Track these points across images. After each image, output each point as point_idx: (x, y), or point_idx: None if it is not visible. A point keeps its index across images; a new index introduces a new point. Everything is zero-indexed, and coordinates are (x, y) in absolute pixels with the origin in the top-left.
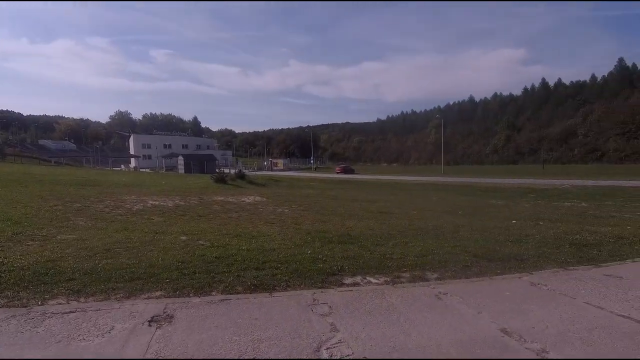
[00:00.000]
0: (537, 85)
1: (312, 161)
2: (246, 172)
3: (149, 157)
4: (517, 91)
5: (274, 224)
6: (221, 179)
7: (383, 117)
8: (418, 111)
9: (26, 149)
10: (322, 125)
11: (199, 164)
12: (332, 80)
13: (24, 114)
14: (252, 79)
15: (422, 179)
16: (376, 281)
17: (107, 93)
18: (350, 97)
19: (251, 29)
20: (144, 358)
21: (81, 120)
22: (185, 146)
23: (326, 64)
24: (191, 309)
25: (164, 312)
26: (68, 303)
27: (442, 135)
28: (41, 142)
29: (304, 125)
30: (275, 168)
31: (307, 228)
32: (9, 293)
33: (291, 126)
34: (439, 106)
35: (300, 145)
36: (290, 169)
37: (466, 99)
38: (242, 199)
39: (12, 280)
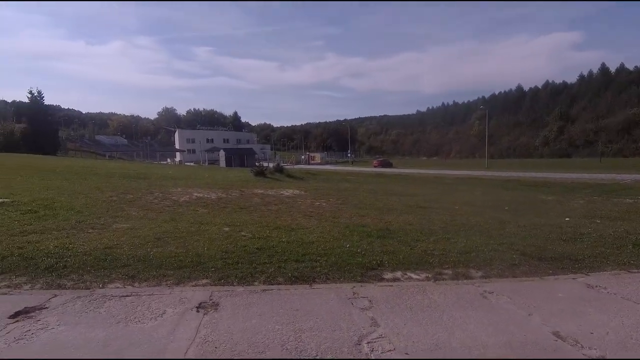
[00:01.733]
0: (594, 71)
1: (349, 155)
2: (284, 165)
3: (193, 151)
4: (570, 79)
5: (312, 217)
6: (261, 173)
7: (422, 109)
8: (460, 102)
9: (84, 144)
10: (359, 118)
11: (239, 157)
12: (367, 72)
13: (83, 112)
14: (288, 73)
15: (464, 172)
16: (417, 277)
17: (154, 90)
18: (386, 89)
19: (286, 23)
20: (169, 358)
21: (132, 116)
22: (226, 140)
23: (361, 56)
24: (235, 297)
25: (210, 300)
26: (124, 287)
27: (486, 126)
28: (97, 137)
29: (341, 118)
30: (312, 162)
31: (345, 222)
32: (74, 276)
33: (328, 119)
34: (483, 96)
35: (337, 138)
36: (327, 163)
37: (513, 88)
38: (281, 192)
39: (76, 264)
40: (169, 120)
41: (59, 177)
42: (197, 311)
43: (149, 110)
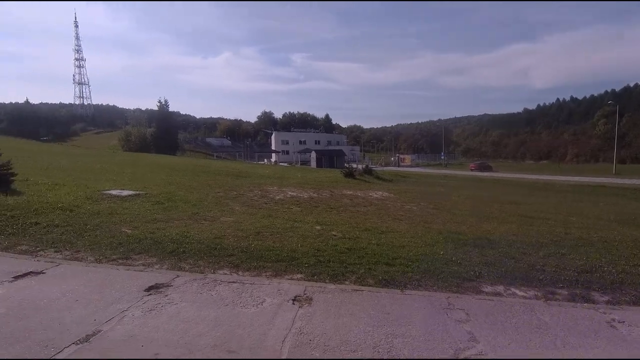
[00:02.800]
0: None
1: (442, 157)
2: (373, 167)
3: (287, 152)
4: None
5: (402, 221)
6: (350, 174)
7: (531, 107)
8: (580, 97)
9: (197, 145)
10: (455, 118)
11: (329, 158)
12: (466, 68)
13: (197, 117)
14: (378, 74)
15: (583, 179)
16: (523, 294)
17: (254, 95)
18: (488, 86)
19: (379, 24)
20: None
21: (235, 120)
22: (317, 142)
23: (460, 52)
24: (327, 294)
25: (305, 294)
26: (231, 274)
27: (616, 125)
28: (207, 139)
29: (434, 118)
30: (402, 164)
31: (438, 227)
32: (191, 260)
33: (420, 120)
34: (612, 90)
35: (430, 140)
36: (418, 165)
37: None
38: (370, 194)
39: (193, 250)
40: (267, 123)
41: (178, 174)
42: (293, 303)
43: (250, 114)
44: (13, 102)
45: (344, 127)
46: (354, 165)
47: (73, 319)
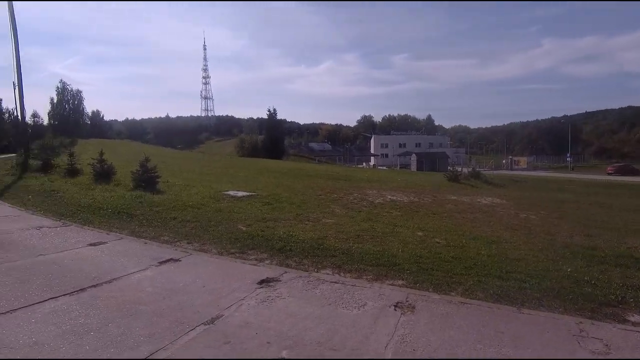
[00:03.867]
0: None
1: (568, 158)
2: (481, 170)
3: (386, 155)
4: None
5: (517, 231)
6: (454, 178)
7: None
8: None
9: (300, 150)
10: (586, 113)
11: (430, 161)
12: (602, 53)
13: (301, 123)
14: (490, 69)
15: None
16: None
17: (353, 100)
18: (634, 72)
19: (491, 14)
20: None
21: (336, 125)
22: (418, 144)
23: (594, 34)
24: (431, 304)
25: (407, 301)
26: (333, 274)
27: None
28: (310, 144)
29: (558, 114)
30: (516, 167)
31: (563, 240)
32: (296, 259)
33: (539, 117)
34: None
35: (551, 139)
36: (536, 168)
37: None
38: (478, 200)
39: (298, 249)
40: (366, 126)
41: (284, 177)
42: (395, 309)
43: (350, 119)
44: (157, 117)
45: (447, 128)
46: (459, 169)
47: (201, 302)
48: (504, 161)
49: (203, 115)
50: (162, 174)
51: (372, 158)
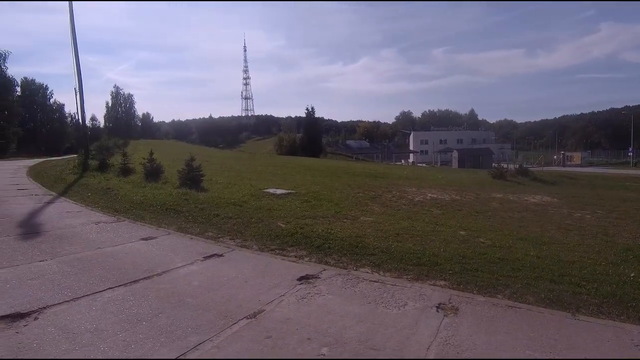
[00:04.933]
0: None
1: (630, 154)
2: (529, 167)
3: (426, 152)
4: None
5: (571, 231)
6: (500, 175)
7: None
8: None
9: (338, 147)
10: None
11: (473, 158)
12: None
13: (338, 121)
14: (540, 59)
15: None
16: None
17: (391, 96)
18: None
19: (539, 2)
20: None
21: (374, 122)
22: (459, 141)
23: None
24: (476, 306)
25: (450, 302)
26: (372, 273)
27: None
28: (347, 142)
29: (618, 106)
30: (569, 163)
31: (625, 242)
32: (335, 256)
33: (596, 109)
34: None
35: (610, 132)
36: (591, 164)
37: None
38: (525, 198)
39: (336, 247)
40: (405, 123)
41: (322, 175)
42: (437, 311)
43: (388, 115)
44: (201, 117)
45: (491, 122)
46: (505, 165)
47: (244, 296)
48: (555, 157)
49: (243, 115)
50: (205, 173)
51: (411, 155)
